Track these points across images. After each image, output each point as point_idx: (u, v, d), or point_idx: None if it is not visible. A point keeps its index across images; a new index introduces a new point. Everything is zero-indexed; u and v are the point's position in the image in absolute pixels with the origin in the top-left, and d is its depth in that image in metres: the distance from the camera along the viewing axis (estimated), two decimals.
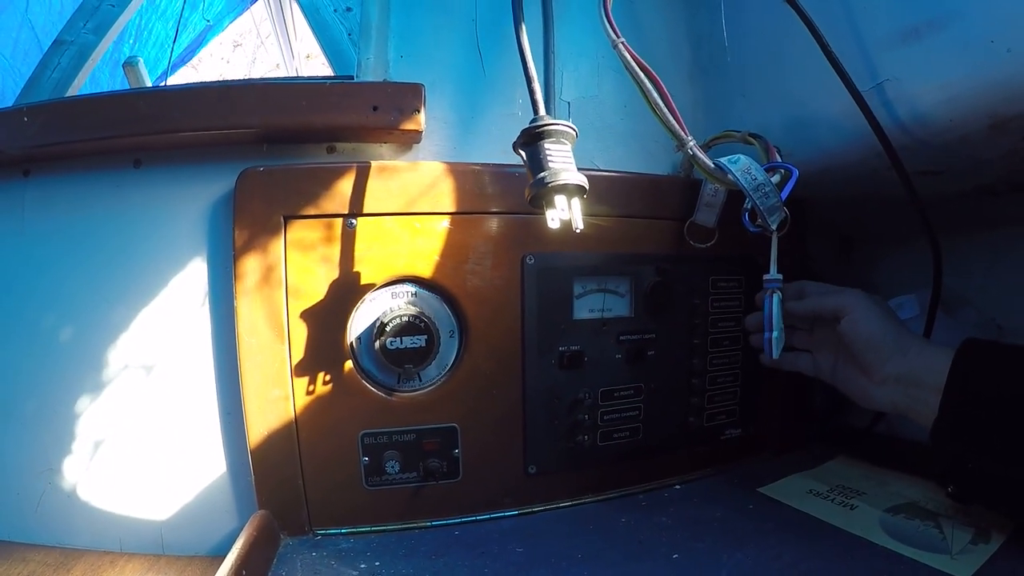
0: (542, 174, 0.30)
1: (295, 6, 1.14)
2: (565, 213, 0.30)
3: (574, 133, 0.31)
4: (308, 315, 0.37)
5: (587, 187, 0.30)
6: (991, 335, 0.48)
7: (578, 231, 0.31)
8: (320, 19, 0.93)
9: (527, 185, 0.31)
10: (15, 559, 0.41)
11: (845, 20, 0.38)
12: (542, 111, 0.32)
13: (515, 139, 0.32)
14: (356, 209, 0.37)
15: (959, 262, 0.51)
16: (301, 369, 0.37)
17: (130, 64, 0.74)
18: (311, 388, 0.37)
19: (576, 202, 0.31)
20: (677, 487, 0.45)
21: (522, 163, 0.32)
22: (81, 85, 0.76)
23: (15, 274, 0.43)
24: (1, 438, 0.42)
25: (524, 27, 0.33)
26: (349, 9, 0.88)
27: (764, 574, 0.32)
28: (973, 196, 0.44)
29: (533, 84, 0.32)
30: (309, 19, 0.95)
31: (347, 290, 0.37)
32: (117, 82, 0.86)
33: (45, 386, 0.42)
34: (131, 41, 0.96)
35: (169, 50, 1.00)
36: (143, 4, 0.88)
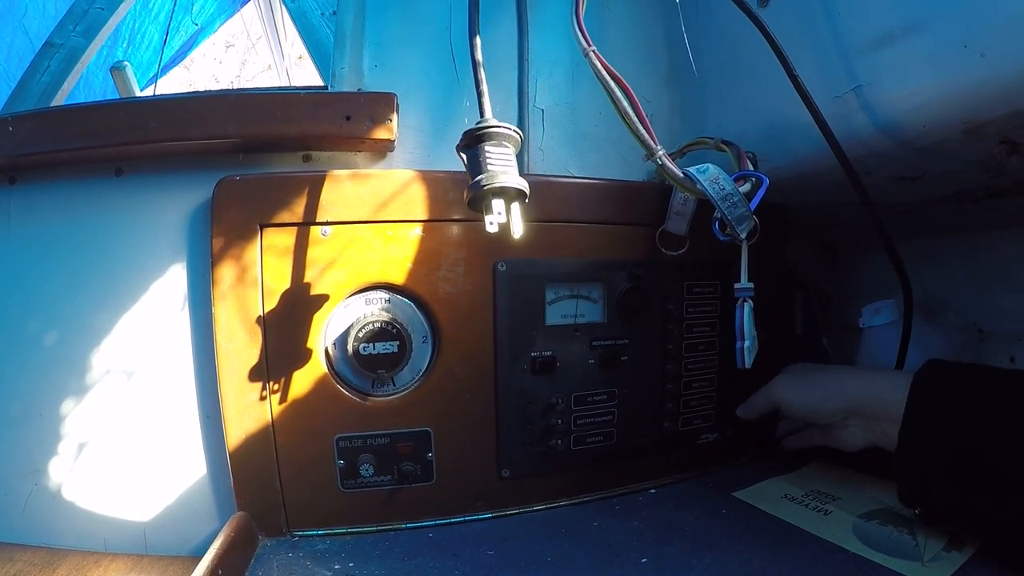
0: (479, 177, 0.30)
1: (285, 9, 1.14)
2: (503, 217, 0.30)
3: (518, 137, 0.31)
4: (284, 321, 0.38)
5: (527, 191, 0.30)
6: (972, 339, 0.48)
7: (517, 237, 0.30)
8: (307, 23, 0.93)
9: (466, 187, 0.30)
10: (2, 558, 0.42)
11: (821, 25, 0.38)
12: (488, 114, 0.32)
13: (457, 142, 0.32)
14: (330, 216, 0.38)
15: (941, 266, 0.51)
16: (277, 374, 0.38)
17: (117, 69, 0.74)
18: (287, 392, 0.38)
19: (516, 206, 0.30)
20: (652, 491, 0.45)
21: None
22: (71, 88, 0.77)
23: (1, 279, 0.43)
24: None
25: (479, 35, 0.33)
26: (335, 13, 0.88)
27: None
28: (953, 201, 0.44)
29: (481, 86, 0.32)
30: (297, 23, 0.96)
31: (322, 296, 0.38)
32: (111, 86, 0.87)
33: (29, 389, 0.43)
34: (124, 45, 0.96)
35: (160, 53, 1.00)
36: (136, 8, 0.89)
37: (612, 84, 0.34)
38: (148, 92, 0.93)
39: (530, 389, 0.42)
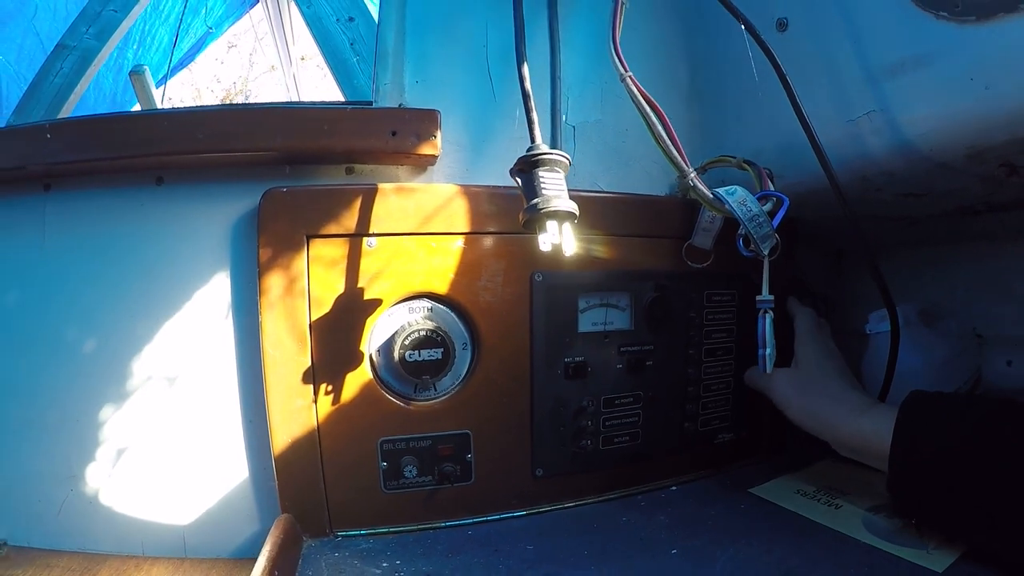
0: (535, 200, 0.32)
1: (294, 10, 1.14)
2: (556, 237, 0.32)
3: (567, 162, 0.34)
4: (330, 329, 0.39)
5: (577, 213, 0.32)
6: (972, 344, 0.51)
7: (568, 255, 0.33)
8: (323, 28, 0.94)
9: (522, 210, 0.33)
10: (39, 564, 0.42)
11: (837, 52, 0.40)
12: (538, 140, 0.34)
13: (512, 166, 0.34)
14: (375, 228, 0.39)
15: (942, 275, 0.54)
16: (323, 380, 0.39)
17: (136, 73, 0.74)
18: (332, 398, 0.39)
19: (567, 227, 0.33)
20: (673, 488, 0.47)
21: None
22: (84, 90, 0.77)
23: (36, 287, 0.44)
24: (23, 447, 0.44)
25: (526, 63, 0.35)
26: (351, 19, 0.89)
27: (756, 568, 0.35)
28: (955, 215, 0.47)
29: (531, 114, 0.34)
30: (312, 28, 0.97)
31: (367, 305, 0.39)
32: (120, 87, 0.86)
33: (67, 396, 0.43)
34: (135, 47, 0.95)
35: (169, 55, 1.00)
36: (147, 10, 0.88)
37: (647, 108, 0.36)
38: (158, 93, 0.93)
39: (563, 393, 0.44)
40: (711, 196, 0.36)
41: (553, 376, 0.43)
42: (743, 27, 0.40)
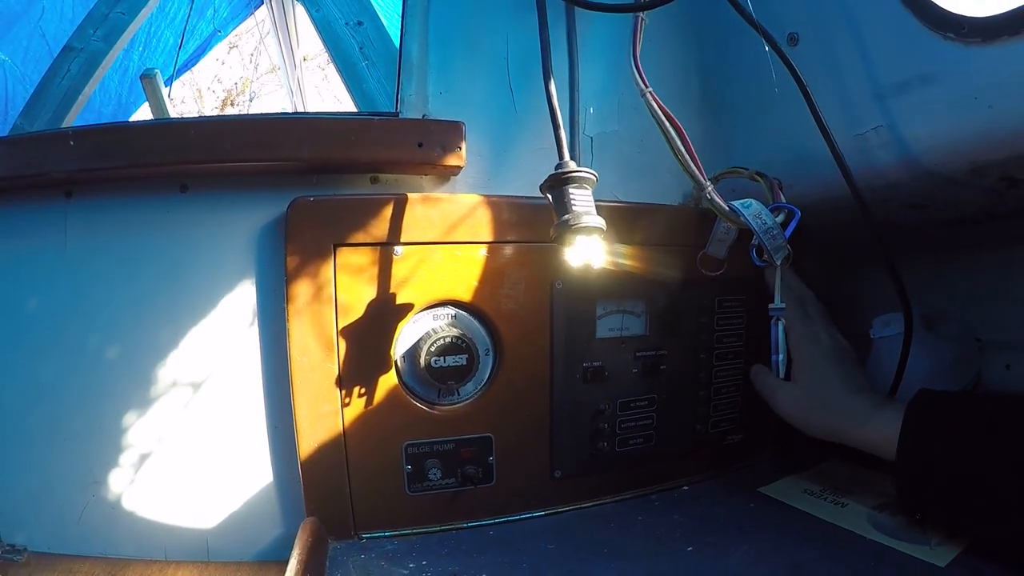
0: (566, 216, 0.33)
1: (299, 11, 1.14)
2: (585, 251, 0.34)
3: (594, 179, 0.35)
4: (356, 336, 0.40)
5: (605, 229, 0.34)
6: (971, 348, 0.53)
7: (596, 268, 0.34)
8: (332, 32, 0.94)
9: (553, 225, 0.34)
10: (61, 570, 0.42)
11: (846, 68, 0.42)
12: (567, 157, 0.35)
13: (542, 181, 0.35)
14: (403, 237, 0.40)
15: (944, 281, 0.56)
16: (349, 385, 0.40)
17: (147, 76, 0.74)
18: (360, 404, 0.40)
19: (595, 241, 0.34)
20: (685, 488, 0.49)
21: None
22: (91, 92, 0.76)
23: (59, 293, 0.44)
24: (45, 452, 0.44)
25: (553, 80, 0.36)
26: (360, 23, 0.89)
27: (767, 564, 0.36)
28: (956, 224, 0.49)
29: (559, 131, 0.36)
30: (321, 32, 0.97)
31: (392, 312, 0.40)
32: (126, 88, 0.85)
33: (90, 402, 0.44)
34: (140, 49, 0.95)
35: (175, 57, 0.99)
36: (153, 12, 0.88)
37: (667, 123, 0.38)
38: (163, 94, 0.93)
39: (581, 396, 0.45)
40: (727, 209, 0.38)
41: (572, 380, 0.44)
42: (764, 41, 0.41)
